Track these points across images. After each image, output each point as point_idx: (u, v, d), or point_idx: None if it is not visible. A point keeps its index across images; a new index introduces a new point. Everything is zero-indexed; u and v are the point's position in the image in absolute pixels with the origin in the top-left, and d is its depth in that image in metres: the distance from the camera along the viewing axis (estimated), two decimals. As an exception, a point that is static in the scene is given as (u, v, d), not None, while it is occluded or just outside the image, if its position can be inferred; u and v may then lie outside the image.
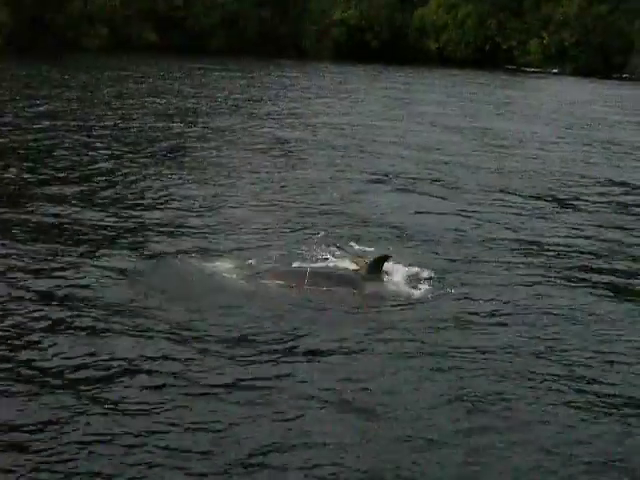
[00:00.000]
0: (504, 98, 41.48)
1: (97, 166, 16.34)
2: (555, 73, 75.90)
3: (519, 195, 15.98)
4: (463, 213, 14.02)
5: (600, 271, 10.95)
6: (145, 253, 10.23)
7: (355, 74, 54.59)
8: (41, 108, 24.58)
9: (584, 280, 10.41)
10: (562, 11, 79.70)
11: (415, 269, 9.56)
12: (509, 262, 11.02)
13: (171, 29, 68.88)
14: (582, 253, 11.84)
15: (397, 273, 9.18)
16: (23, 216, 11.82)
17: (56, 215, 11.99)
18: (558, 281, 10.23)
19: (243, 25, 74.19)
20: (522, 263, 10.99)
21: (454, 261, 10.75)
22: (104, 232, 11.22)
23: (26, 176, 14.78)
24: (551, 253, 11.69)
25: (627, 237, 13.10)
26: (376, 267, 8.80)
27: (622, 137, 27.13)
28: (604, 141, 25.62)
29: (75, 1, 61.54)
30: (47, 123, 21.42)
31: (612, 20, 78.39)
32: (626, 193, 17.22)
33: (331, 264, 9.49)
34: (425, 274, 9.51)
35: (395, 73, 57.37)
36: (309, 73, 52.54)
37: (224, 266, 9.17)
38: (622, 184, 18.08)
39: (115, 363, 7.06)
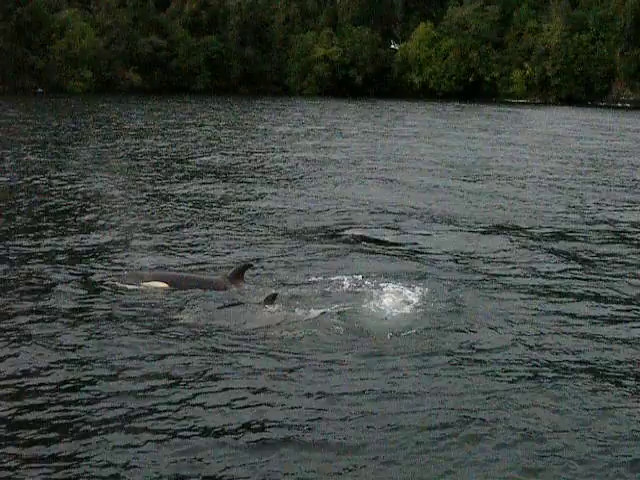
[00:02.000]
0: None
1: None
2: (538, 103, 76.50)
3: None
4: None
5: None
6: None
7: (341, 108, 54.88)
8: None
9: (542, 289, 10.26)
10: (543, 41, 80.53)
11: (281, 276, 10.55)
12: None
13: (155, 70, 69.43)
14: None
15: (261, 280, 10.33)
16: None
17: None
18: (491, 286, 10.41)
19: (227, 64, 74.80)
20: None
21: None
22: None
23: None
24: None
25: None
26: (237, 274, 10.02)
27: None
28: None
29: (59, 44, 62.11)
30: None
31: (593, 49, 79.30)
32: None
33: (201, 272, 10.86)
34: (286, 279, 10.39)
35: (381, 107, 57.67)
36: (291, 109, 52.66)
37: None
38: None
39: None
